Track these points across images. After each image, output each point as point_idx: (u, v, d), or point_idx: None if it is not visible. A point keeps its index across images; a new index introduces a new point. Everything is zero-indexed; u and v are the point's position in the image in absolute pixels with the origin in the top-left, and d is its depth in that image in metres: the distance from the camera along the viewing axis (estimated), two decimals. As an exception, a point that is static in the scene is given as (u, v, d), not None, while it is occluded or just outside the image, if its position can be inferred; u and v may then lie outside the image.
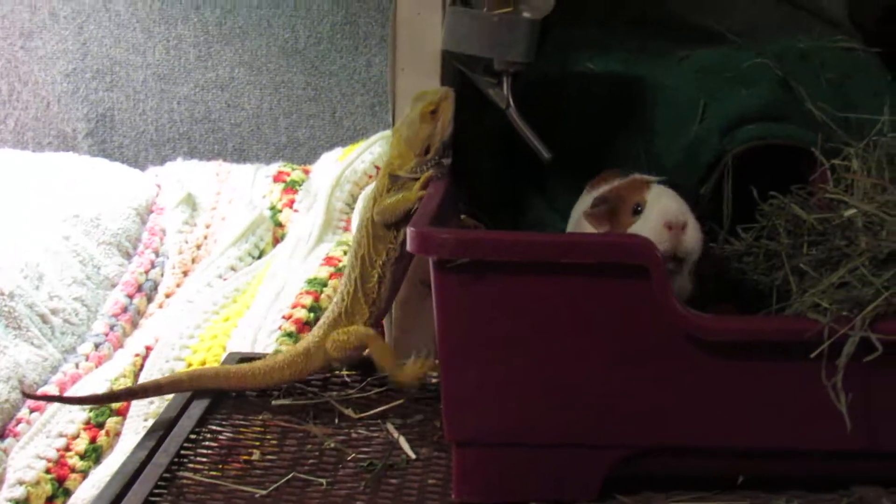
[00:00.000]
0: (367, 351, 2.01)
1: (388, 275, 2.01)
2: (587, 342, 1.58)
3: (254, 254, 3.01)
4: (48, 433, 2.26)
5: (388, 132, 2.23)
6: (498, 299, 1.57)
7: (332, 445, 1.86)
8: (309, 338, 2.04)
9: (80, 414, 2.31)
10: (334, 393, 2.05)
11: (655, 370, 1.59)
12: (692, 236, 1.78)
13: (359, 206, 3.08)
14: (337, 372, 2.10)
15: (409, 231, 1.57)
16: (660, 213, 1.78)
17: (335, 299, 2.06)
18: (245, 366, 2.03)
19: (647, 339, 1.57)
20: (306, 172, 3.33)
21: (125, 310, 2.75)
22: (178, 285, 2.90)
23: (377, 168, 3.15)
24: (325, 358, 2.02)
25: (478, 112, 2.34)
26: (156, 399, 2.25)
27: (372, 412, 1.97)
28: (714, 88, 2.26)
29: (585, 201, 1.99)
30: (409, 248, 1.57)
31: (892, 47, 2.57)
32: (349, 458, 1.82)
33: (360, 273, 2.01)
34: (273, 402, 2.01)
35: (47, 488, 2.13)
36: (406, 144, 2.00)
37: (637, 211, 1.78)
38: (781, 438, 1.63)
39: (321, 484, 1.73)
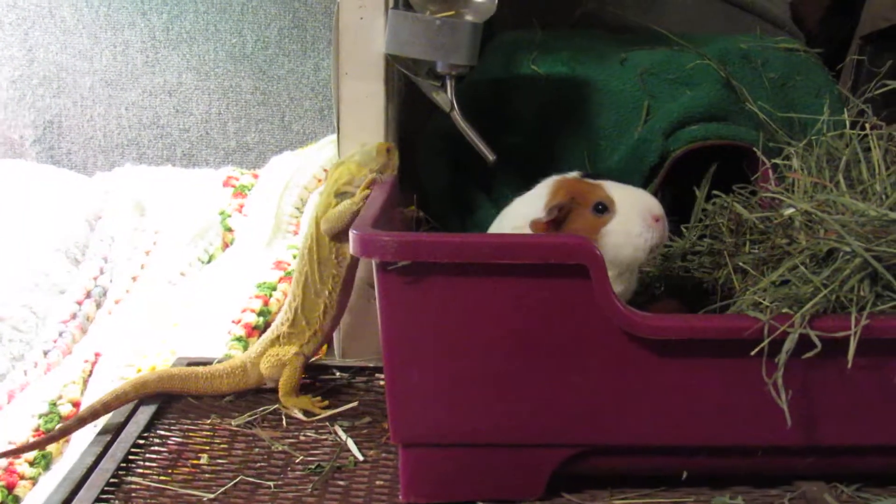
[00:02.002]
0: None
1: (334, 305, 2.03)
2: (530, 342, 1.58)
3: (203, 259, 3.00)
4: (-4, 441, 2.25)
5: (335, 136, 2.23)
6: (441, 300, 1.57)
7: (281, 448, 1.86)
8: (248, 353, 2.06)
9: (30, 421, 2.30)
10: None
11: (598, 369, 1.60)
12: (667, 224, 1.80)
13: (308, 210, 3.08)
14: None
15: (352, 234, 1.57)
16: (644, 209, 1.78)
17: (276, 321, 2.07)
18: (188, 369, 2.04)
19: (590, 339, 1.58)
20: (255, 177, 3.33)
21: (74, 316, 2.74)
22: (127, 291, 2.89)
23: (326, 172, 3.15)
24: (260, 375, 2.03)
25: (423, 115, 2.35)
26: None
27: (320, 415, 1.97)
28: (657, 90, 2.28)
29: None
30: (351, 250, 1.58)
31: (833, 48, 2.60)
32: (297, 461, 1.82)
33: (301, 303, 2.03)
34: (221, 406, 2.02)
35: (-4, 496, 2.12)
36: (361, 166, 2.03)
37: (601, 209, 1.77)
38: (724, 435, 1.64)
39: (269, 487, 1.74)
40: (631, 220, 1.77)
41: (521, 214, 1.83)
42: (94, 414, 1.98)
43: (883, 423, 1.63)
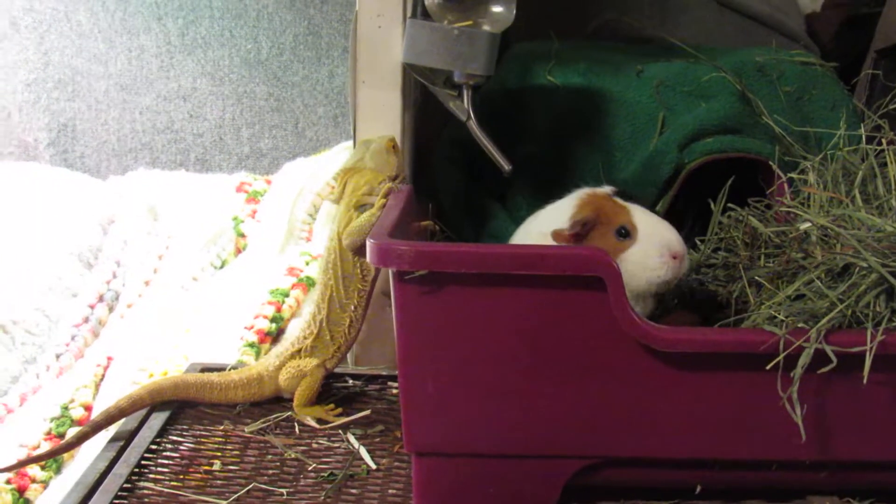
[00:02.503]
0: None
1: (359, 319, 2.03)
2: (545, 353, 1.58)
3: (216, 264, 3.01)
4: (8, 444, 2.24)
5: (350, 143, 2.23)
6: (457, 310, 1.57)
7: (293, 456, 1.86)
8: (264, 363, 2.05)
9: (42, 424, 2.30)
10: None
11: (613, 381, 1.60)
12: (687, 263, 1.80)
13: (321, 217, 3.08)
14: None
15: (369, 243, 1.57)
16: (664, 244, 1.79)
17: (296, 334, 2.06)
18: (203, 376, 2.03)
19: (605, 351, 1.58)
20: (268, 183, 3.33)
21: (87, 320, 2.74)
22: (139, 296, 2.89)
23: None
24: (277, 387, 2.03)
25: (438, 124, 2.35)
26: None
27: (333, 423, 1.97)
28: (673, 102, 2.28)
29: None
30: (368, 259, 1.58)
31: (848, 62, 2.59)
32: (310, 469, 1.82)
33: (327, 316, 2.02)
34: (234, 413, 2.02)
35: (7, 499, 2.12)
36: (377, 173, 2.03)
37: (623, 234, 1.78)
38: (738, 449, 1.64)
39: (282, 494, 1.74)
40: (649, 253, 1.78)
41: (548, 221, 1.83)
42: (109, 419, 1.98)
43: (897, 439, 1.64)
